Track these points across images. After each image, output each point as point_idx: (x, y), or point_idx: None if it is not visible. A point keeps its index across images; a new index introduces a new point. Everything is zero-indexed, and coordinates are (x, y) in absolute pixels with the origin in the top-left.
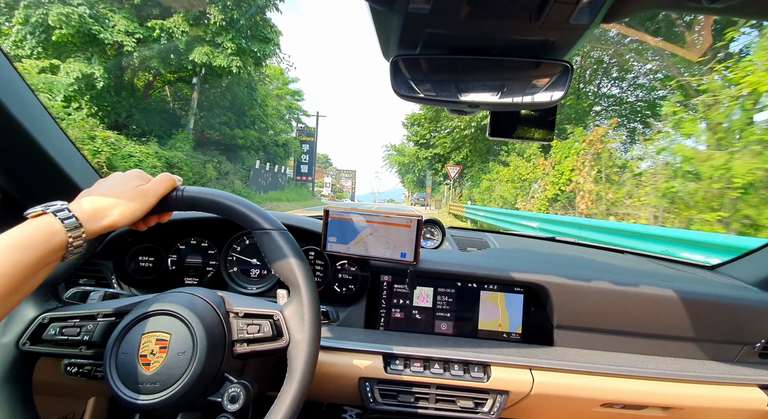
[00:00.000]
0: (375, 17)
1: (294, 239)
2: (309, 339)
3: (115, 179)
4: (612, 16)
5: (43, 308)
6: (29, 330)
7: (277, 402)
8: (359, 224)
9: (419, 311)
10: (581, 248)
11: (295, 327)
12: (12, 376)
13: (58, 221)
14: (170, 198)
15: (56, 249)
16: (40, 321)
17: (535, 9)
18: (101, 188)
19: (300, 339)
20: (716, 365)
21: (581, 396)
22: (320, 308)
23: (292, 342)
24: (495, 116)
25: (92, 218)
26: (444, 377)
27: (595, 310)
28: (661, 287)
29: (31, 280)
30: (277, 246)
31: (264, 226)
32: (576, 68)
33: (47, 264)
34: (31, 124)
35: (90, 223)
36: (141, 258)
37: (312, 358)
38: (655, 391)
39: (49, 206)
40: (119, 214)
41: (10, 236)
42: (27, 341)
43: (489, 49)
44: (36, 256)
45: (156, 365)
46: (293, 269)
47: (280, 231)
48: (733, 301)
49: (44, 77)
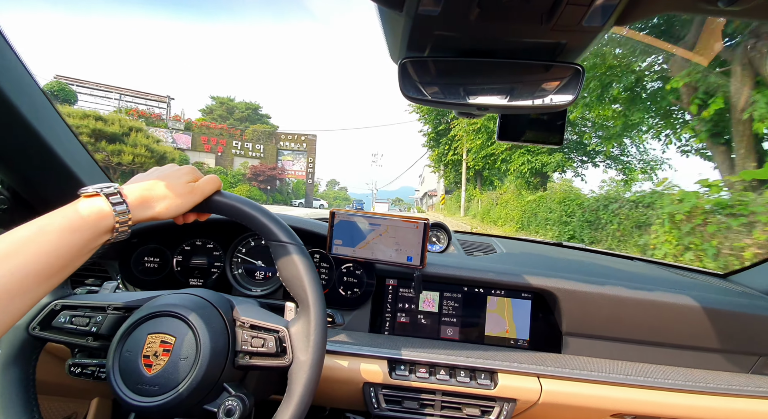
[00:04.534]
0: (383, 19)
1: (309, 255)
2: (312, 361)
3: (169, 170)
4: (625, 18)
5: (56, 295)
6: (41, 315)
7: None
8: (365, 227)
9: (425, 316)
10: (590, 254)
11: (299, 347)
12: (18, 360)
13: (109, 205)
14: (212, 200)
15: (103, 233)
16: (52, 307)
17: (547, 11)
18: (156, 176)
19: (303, 361)
20: (731, 376)
21: (591, 405)
22: (327, 331)
23: (295, 362)
24: (504, 119)
25: (140, 205)
26: (450, 383)
27: (606, 317)
28: (674, 294)
29: (76, 261)
30: (291, 261)
31: (282, 238)
32: None
33: (94, 248)
34: (40, 124)
35: (137, 210)
36: (147, 259)
37: (313, 381)
38: (668, 402)
39: (103, 189)
40: (165, 206)
41: (62, 215)
42: (37, 326)
43: (499, 51)
44: (85, 238)
45: (157, 367)
46: (305, 287)
47: (297, 246)
48: (748, 310)
49: None
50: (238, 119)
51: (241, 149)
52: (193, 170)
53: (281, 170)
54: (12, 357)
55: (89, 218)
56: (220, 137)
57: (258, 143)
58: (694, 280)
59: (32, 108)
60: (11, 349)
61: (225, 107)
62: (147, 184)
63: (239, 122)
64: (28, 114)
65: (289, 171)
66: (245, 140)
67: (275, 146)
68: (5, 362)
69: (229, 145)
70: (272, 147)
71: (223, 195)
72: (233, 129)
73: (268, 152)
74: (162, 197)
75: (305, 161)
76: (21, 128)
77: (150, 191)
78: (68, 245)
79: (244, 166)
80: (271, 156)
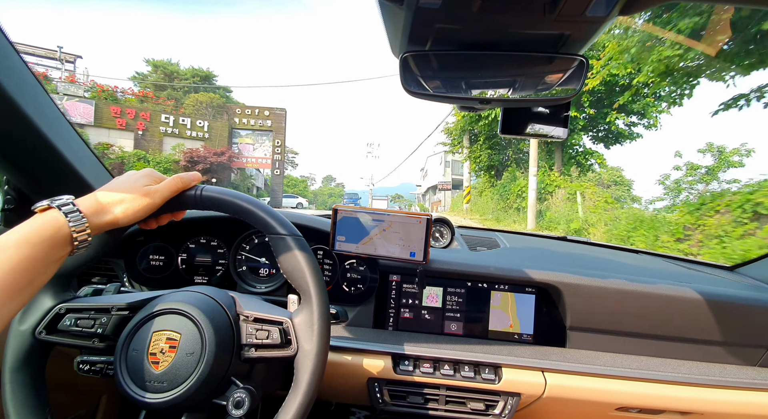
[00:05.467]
0: (384, 13)
1: (308, 246)
2: (317, 349)
3: (125, 176)
4: (629, 7)
5: (60, 299)
6: (46, 319)
7: (281, 412)
8: (368, 224)
9: (428, 312)
10: (594, 248)
11: (303, 337)
12: (27, 364)
13: (63, 215)
14: (186, 197)
15: (62, 244)
16: (56, 311)
17: (550, 1)
18: (111, 184)
19: (308, 349)
20: (737, 369)
21: (595, 399)
22: (330, 319)
23: (300, 351)
24: (507, 112)
25: (96, 212)
26: (454, 378)
27: (610, 311)
28: (679, 287)
29: (42, 275)
30: (291, 252)
31: (279, 231)
32: None
33: (56, 259)
34: (45, 124)
35: (94, 217)
36: (152, 257)
37: (319, 369)
38: (673, 395)
39: (55, 200)
40: (122, 211)
41: (17, 232)
42: (43, 330)
43: (501, 44)
44: (43, 251)
45: (164, 364)
46: (306, 278)
47: (295, 237)
48: (755, 302)
49: None
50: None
51: (174, 126)
52: (150, 173)
53: (236, 157)
54: (21, 362)
55: (44, 231)
56: (142, 109)
57: (201, 118)
58: (701, 273)
59: (36, 108)
60: (19, 354)
61: (162, 71)
62: (101, 191)
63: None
64: (33, 115)
65: (249, 158)
66: (181, 115)
67: (227, 123)
68: (15, 367)
69: (155, 121)
70: (223, 125)
71: (205, 190)
72: (164, 100)
73: (216, 132)
74: (118, 202)
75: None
76: (26, 128)
77: (105, 197)
78: (28, 259)
79: (178, 149)
80: (222, 137)
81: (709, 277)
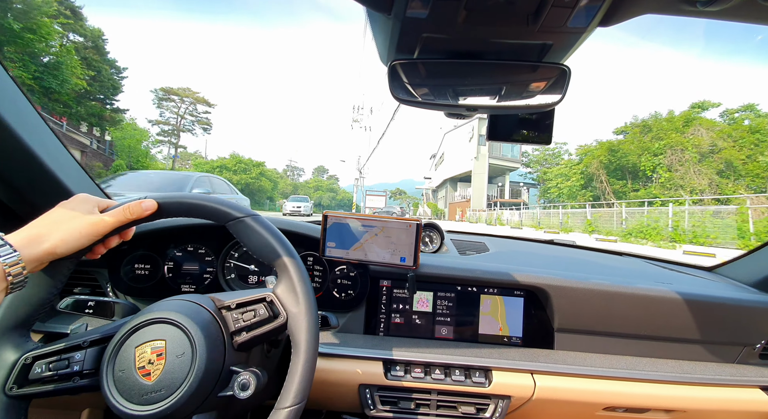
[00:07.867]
0: (373, 22)
1: (268, 221)
2: (306, 309)
3: (61, 205)
4: (609, 19)
5: (23, 350)
6: (13, 373)
7: (290, 374)
8: (358, 229)
9: (419, 316)
10: (580, 251)
11: (289, 303)
12: None
13: None
14: (161, 208)
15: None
16: (22, 362)
17: (533, 13)
18: (45, 214)
19: (297, 312)
20: (718, 366)
21: (583, 400)
22: (310, 281)
23: (290, 316)
24: (493, 119)
25: (30, 243)
26: (445, 382)
27: (596, 312)
28: (660, 288)
29: None
30: (253, 231)
31: (235, 215)
32: None
33: None
34: (24, 130)
35: (26, 249)
36: (137, 266)
37: (314, 326)
38: (658, 394)
39: None
40: (59, 239)
41: None
42: (14, 385)
43: (486, 53)
44: None
45: (157, 373)
46: (275, 249)
47: (252, 217)
48: (733, 302)
49: None
50: None
51: None
52: (86, 198)
53: None
54: None
55: None
56: None
57: None
58: (682, 274)
59: (17, 117)
60: None
61: None
62: (35, 222)
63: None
64: (14, 123)
65: None
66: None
67: None
68: None
69: None
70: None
71: (159, 198)
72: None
73: None
74: (54, 231)
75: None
76: (6, 137)
77: (38, 227)
78: None
79: None
80: None
81: (689, 278)
